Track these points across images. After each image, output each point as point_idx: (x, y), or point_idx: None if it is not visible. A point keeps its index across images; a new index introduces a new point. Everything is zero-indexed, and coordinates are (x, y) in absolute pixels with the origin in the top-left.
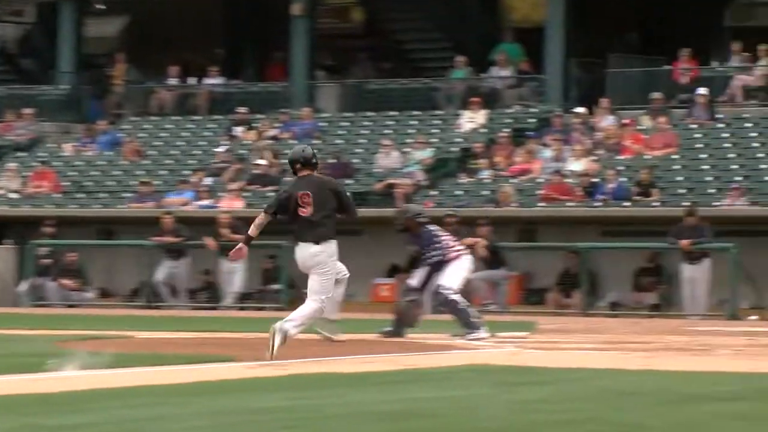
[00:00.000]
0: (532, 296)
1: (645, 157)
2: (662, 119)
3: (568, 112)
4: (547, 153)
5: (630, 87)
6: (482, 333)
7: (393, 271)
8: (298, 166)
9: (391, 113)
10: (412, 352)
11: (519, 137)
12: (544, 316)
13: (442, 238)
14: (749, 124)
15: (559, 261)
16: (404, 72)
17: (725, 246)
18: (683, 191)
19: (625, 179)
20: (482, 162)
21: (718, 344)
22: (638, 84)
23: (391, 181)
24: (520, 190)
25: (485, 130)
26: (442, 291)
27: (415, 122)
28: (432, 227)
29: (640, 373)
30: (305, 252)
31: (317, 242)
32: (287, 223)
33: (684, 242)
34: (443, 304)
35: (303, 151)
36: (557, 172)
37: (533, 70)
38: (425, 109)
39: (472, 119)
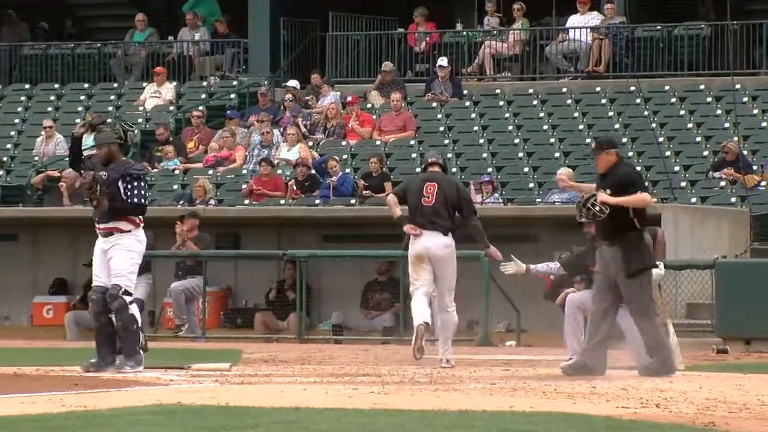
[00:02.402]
0: (236, 317)
1: (375, 142)
2: (395, 96)
3: (278, 87)
4: (253, 137)
5: (355, 55)
6: (141, 366)
7: (59, 286)
8: None
9: (53, 86)
10: (84, 389)
11: (216, 117)
12: (251, 342)
13: None
14: (502, 102)
15: (270, 273)
16: (69, 33)
17: (475, 254)
18: None
19: (350, 171)
20: (170, 148)
21: (468, 377)
22: (365, 52)
23: (54, 172)
24: (218, 185)
25: (173, 108)
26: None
27: (84, 97)
28: None
29: (370, 413)
30: None
31: None
32: None
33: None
34: (119, 311)
35: None
36: (265, 161)
37: (233, 32)
38: (97, 81)
39: (156, 94)
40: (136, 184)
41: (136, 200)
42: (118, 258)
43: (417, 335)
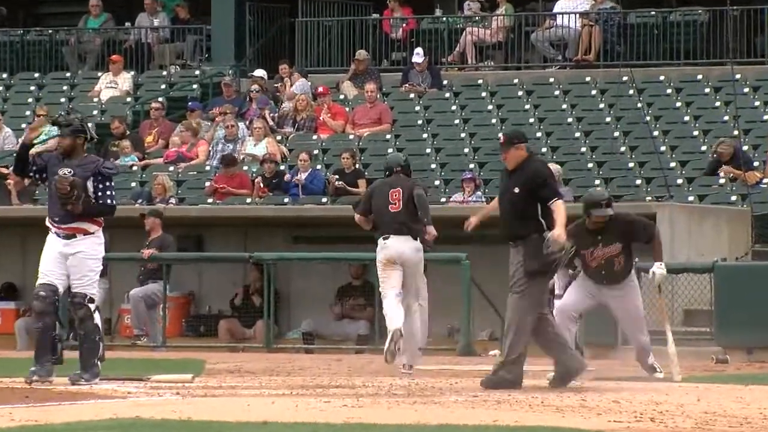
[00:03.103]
0: (199, 325)
1: (348, 137)
2: (370, 87)
3: (244, 77)
4: (217, 131)
5: (326, 43)
6: (97, 379)
7: (8, 291)
8: None
9: (1, 76)
10: (35, 402)
11: (177, 109)
12: (215, 352)
13: None
14: (485, 93)
15: (235, 277)
16: (17, 19)
17: (455, 257)
18: None
19: (321, 167)
20: (127, 143)
21: (448, 388)
22: (337, 39)
23: (2, 168)
24: (179, 182)
25: (130, 100)
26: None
27: (34, 88)
28: None
29: (344, 428)
30: None
31: None
32: None
33: None
34: (84, 320)
35: None
36: (230, 157)
37: (195, 18)
38: (48, 70)
39: (112, 84)
40: (108, 184)
41: (109, 201)
42: (82, 265)
43: (391, 339)
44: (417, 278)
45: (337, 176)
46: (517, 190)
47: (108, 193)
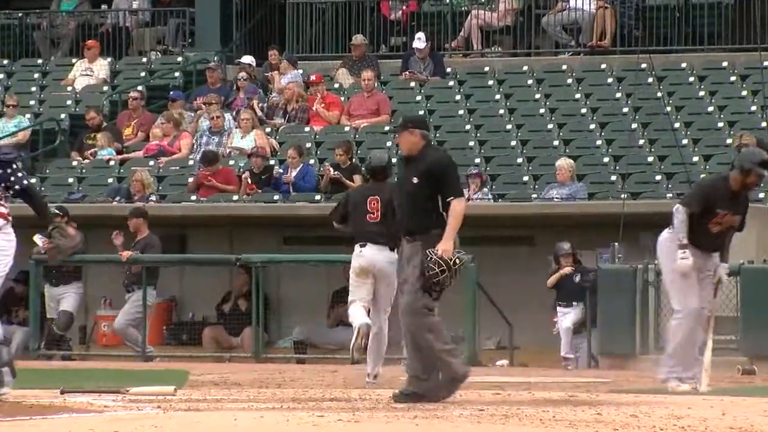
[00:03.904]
0: (182, 332)
1: (343, 128)
2: (367, 75)
3: (230, 63)
4: (201, 123)
5: (320, 27)
6: (6, 389)
7: None
8: None
9: None
10: (2, 416)
11: (158, 99)
12: (199, 362)
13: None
14: (492, 82)
15: (221, 281)
16: None
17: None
18: None
19: (314, 162)
20: (104, 136)
21: (452, 402)
22: (331, 23)
23: None
24: (160, 178)
25: (107, 89)
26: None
27: (3, 76)
28: None
29: None
30: None
31: None
32: None
33: None
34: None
35: None
36: (211, 153)
37: (177, 0)
38: (18, 56)
39: (87, 72)
40: (10, 170)
41: (23, 183)
42: None
43: (358, 334)
44: (390, 290)
45: (332, 168)
46: (415, 180)
47: (18, 176)
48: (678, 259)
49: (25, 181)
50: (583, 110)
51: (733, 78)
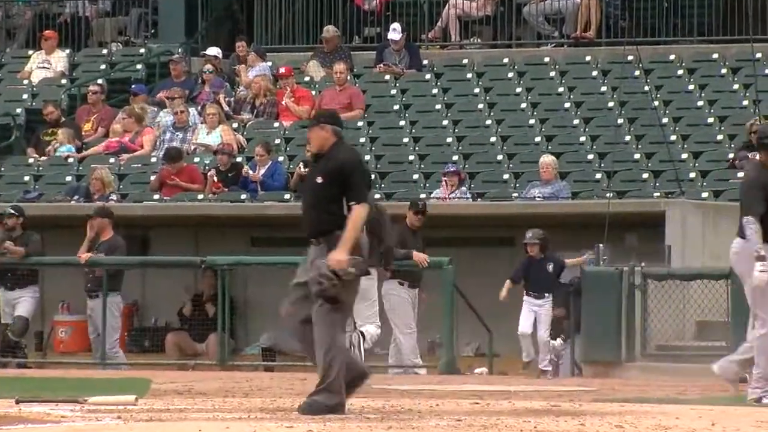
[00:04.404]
0: (144, 338)
1: None
2: (339, 67)
3: (195, 55)
4: (164, 118)
5: (289, 17)
6: None
7: None
8: None
9: None
10: None
11: (119, 93)
12: (161, 370)
13: None
14: (470, 75)
15: (185, 284)
16: None
17: (436, 261)
18: (374, 176)
19: (283, 159)
20: (62, 132)
21: (429, 411)
22: (302, 13)
23: None
24: (121, 176)
25: (65, 82)
26: None
27: None
28: None
29: None
30: None
31: None
32: None
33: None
34: None
35: None
36: (174, 150)
37: None
38: None
39: (45, 65)
40: None
41: None
42: None
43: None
44: (360, 302)
45: (302, 164)
46: (320, 179)
47: None
48: (757, 272)
49: None
50: (567, 105)
51: (723, 71)
